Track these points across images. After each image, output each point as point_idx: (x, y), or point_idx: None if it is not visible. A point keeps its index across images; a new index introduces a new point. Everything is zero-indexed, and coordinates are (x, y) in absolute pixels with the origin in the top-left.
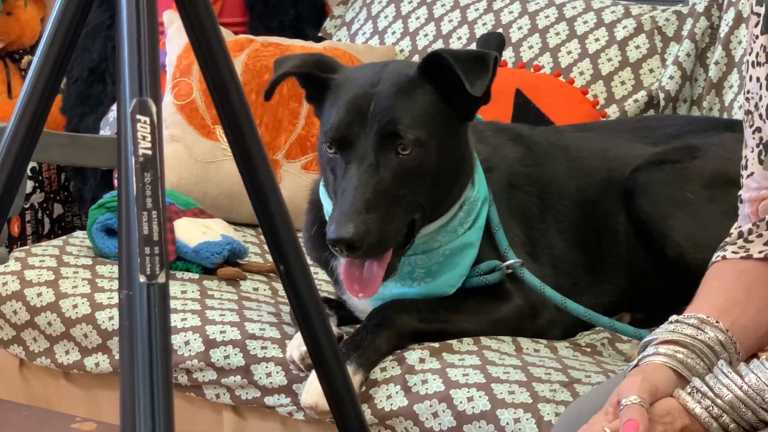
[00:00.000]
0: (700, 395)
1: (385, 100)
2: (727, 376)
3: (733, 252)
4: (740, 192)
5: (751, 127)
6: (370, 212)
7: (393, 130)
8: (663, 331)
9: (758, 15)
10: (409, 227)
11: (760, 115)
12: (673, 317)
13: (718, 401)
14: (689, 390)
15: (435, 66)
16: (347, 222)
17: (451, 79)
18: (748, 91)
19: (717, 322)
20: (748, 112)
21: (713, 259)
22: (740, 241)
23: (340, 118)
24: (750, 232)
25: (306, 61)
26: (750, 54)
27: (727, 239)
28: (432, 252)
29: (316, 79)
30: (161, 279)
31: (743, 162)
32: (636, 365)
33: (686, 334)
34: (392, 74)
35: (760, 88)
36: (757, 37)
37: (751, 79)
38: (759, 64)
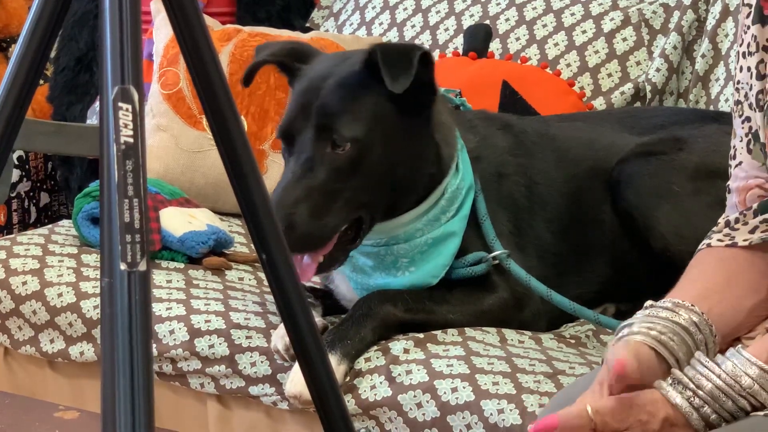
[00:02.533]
0: (681, 386)
1: (328, 96)
2: (705, 366)
3: (719, 240)
4: (728, 182)
5: (740, 116)
6: (298, 207)
7: (329, 125)
8: (639, 316)
9: (749, 6)
10: (356, 224)
11: (750, 105)
12: (648, 302)
13: (699, 392)
14: (670, 381)
15: (377, 60)
16: None
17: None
18: (738, 82)
19: (692, 305)
20: (737, 102)
21: (699, 247)
22: (726, 230)
23: (288, 111)
24: (737, 221)
25: (284, 48)
26: (741, 45)
27: (714, 228)
28: (414, 241)
29: (290, 67)
30: (142, 267)
31: (732, 152)
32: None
33: (661, 317)
34: (343, 68)
35: (751, 78)
36: (748, 27)
37: (741, 69)
38: (750, 54)
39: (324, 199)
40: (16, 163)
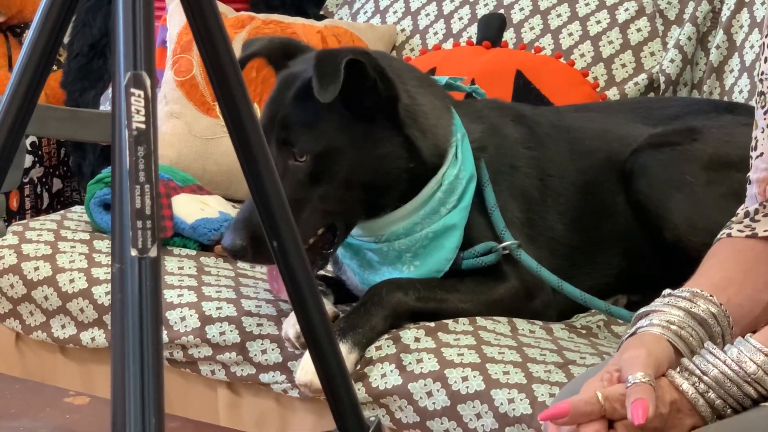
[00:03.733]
0: (687, 373)
1: (287, 107)
2: (712, 353)
3: (739, 230)
4: (749, 173)
5: (763, 107)
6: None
7: (288, 138)
8: (657, 304)
9: None
10: (332, 229)
11: None
12: (667, 291)
13: (704, 378)
14: (678, 369)
15: None
16: (235, 231)
17: (346, 79)
18: (762, 73)
19: (711, 296)
20: (761, 94)
21: (718, 237)
22: (746, 221)
23: (261, 119)
24: (756, 212)
25: (273, 42)
26: (766, 36)
27: (733, 219)
28: (414, 235)
29: (277, 62)
30: (153, 253)
31: (753, 143)
32: (633, 334)
33: (680, 306)
34: (306, 75)
35: None
36: None
37: (766, 60)
38: None
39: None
40: (29, 148)
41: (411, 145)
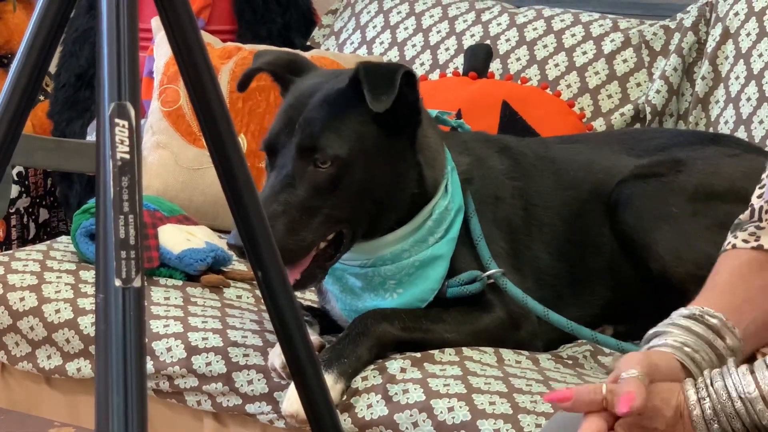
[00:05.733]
0: (700, 380)
1: (312, 112)
2: (728, 367)
3: (744, 240)
4: None
5: None
6: (274, 222)
7: (311, 142)
8: (672, 326)
9: None
10: (336, 240)
11: None
12: (696, 310)
13: (709, 388)
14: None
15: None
16: None
17: None
18: None
19: (734, 327)
20: None
21: (725, 246)
22: (752, 227)
23: (273, 125)
24: (766, 212)
25: (280, 58)
26: None
27: (741, 216)
28: (400, 262)
29: (283, 78)
30: (137, 283)
31: None
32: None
33: (702, 336)
34: (331, 85)
35: None
36: None
37: None
38: None
39: (301, 215)
40: (16, 178)
41: (420, 172)
